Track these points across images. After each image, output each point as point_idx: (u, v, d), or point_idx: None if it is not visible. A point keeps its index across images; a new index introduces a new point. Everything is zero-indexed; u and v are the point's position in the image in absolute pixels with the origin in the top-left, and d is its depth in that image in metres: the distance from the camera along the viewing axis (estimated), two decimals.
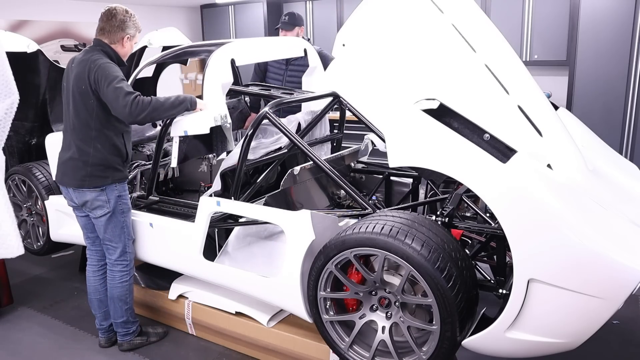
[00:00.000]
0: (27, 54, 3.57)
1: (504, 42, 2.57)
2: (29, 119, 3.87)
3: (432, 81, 2.17)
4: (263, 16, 6.10)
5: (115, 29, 2.68)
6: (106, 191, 2.72)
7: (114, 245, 2.82)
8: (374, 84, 2.16)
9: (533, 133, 2.19)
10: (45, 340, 3.15)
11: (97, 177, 2.69)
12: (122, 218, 2.80)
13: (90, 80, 2.58)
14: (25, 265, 4.16)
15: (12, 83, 2.69)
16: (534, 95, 2.41)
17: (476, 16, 2.57)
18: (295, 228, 2.38)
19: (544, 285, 1.87)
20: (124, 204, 2.81)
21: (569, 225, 1.82)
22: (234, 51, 2.98)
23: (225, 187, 2.84)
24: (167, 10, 6.74)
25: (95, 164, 2.68)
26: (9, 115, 2.72)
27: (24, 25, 5.37)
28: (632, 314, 3.18)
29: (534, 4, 4.69)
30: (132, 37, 2.75)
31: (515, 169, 1.93)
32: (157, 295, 3.23)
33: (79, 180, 2.69)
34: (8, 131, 2.76)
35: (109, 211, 2.74)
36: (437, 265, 1.99)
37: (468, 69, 2.25)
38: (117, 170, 2.75)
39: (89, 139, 2.66)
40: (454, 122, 2.14)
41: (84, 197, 2.72)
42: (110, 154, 2.70)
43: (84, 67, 2.61)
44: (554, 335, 1.94)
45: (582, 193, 2.03)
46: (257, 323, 2.78)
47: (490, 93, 2.23)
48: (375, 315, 2.29)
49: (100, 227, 2.79)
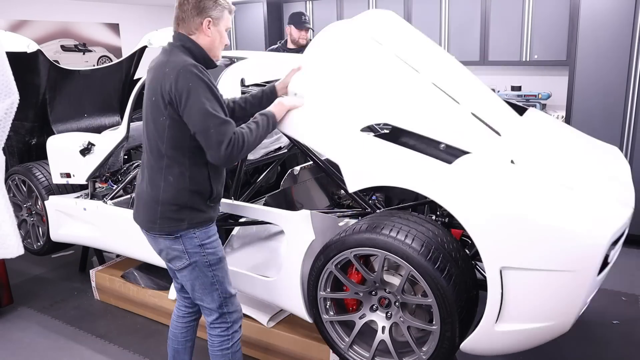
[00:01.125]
0: (27, 54, 3.57)
1: (449, 57, 2.74)
2: (29, 119, 3.87)
3: (381, 108, 2.25)
4: (263, 16, 6.10)
5: (189, 15, 2.00)
6: (182, 239, 2.07)
7: (206, 305, 2.19)
8: (325, 122, 2.25)
9: (491, 134, 2.26)
10: (45, 340, 3.15)
11: (168, 219, 2.04)
12: (211, 273, 2.12)
13: (164, 91, 1.91)
14: (25, 265, 4.16)
15: (12, 83, 2.69)
16: (486, 101, 2.52)
17: (417, 40, 2.72)
18: (295, 228, 2.38)
19: (516, 271, 1.90)
20: (211, 255, 2.12)
21: (526, 207, 1.89)
22: (244, 70, 2.94)
23: (225, 187, 2.84)
24: (167, 10, 6.74)
25: (166, 202, 2.03)
26: (9, 115, 2.71)
27: (24, 25, 5.37)
28: (632, 314, 3.18)
29: (534, 4, 4.69)
30: (218, 18, 2.03)
31: (460, 167, 2.01)
32: (157, 295, 3.22)
33: (148, 222, 2.09)
34: (8, 131, 2.76)
35: (189, 263, 2.10)
36: (437, 265, 1.99)
37: (415, 90, 2.35)
38: (197, 211, 2.06)
39: (160, 168, 2.02)
40: (410, 140, 2.28)
41: (157, 245, 2.14)
42: (186, 190, 2.03)
43: (158, 72, 1.97)
44: (541, 319, 1.95)
45: (543, 177, 2.10)
46: (257, 323, 2.78)
47: (440, 107, 2.32)
48: (375, 315, 2.30)
49: (186, 283, 2.17)
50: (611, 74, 3.96)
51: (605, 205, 2.05)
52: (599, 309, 3.25)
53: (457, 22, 5.10)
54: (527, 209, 1.90)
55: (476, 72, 5.30)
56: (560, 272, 1.85)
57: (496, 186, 1.98)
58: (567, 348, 2.86)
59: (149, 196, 2.06)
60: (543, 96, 4.66)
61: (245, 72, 2.94)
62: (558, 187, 2.06)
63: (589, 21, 3.95)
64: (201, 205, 2.07)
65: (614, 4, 3.84)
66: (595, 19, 3.93)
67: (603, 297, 3.41)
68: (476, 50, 5.03)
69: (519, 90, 4.83)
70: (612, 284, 3.55)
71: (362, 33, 2.53)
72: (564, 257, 1.85)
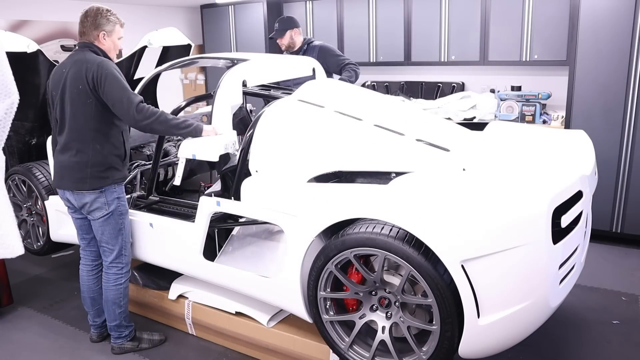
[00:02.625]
0: (27, 54, 3.57)
1: (388, 99, 3.16)
2: (29, 119, 3.87)
3: (330, 158, 2.52)
4: (263, 16, 6.10)
5: (88, 29, 2.69)
6: (105, 193, 2.70)
7: (110, 247, 2.80)
8: (280, 183, 2.49)
9: (439, 152, 2.45)
10: (45, 340, 3.15)
11: (97, 178, 2.66)
12: (120, 220, 2.79)
13: (88, 79, 2.55)
14: (25, 265, 4.16)
15: (12, 83, 2.69)
16: (433, 126, 2.80)
17: (355, 94, 3.06)
18: (295, 228, 2.38)
19: (475, 261, 1.93)
20: (122, 206, 2.79)
21: (468, 201, 2.00)
22: (246, 72, 2.96)
23: (225, 187, 2.84)
24: (167, 10, 6.74)
25: (94, 165, 2.65)
26: (9, 115, 2.71)
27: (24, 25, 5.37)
28: (632, 314, 3.18)
29: (534, 4, 4.69)
30: (110, 32, 2.72)
31: (397, 184, 2.14)
32: (157, 295, 3.23)
33: (78, 183, 2.66)
34: (8, 131, 2.76)
35: (107, 213, 2.72)
36: (437, 266, 1.99)
37: (359, 134, 2.59)
38: (117, 170, 2.73)
39: (88, 140, 2.63)
40: (362, 179, 2.49)
41: (82, 200, 2.70)
42: (110, 154, 2.69)
43: (80, 67, 2.58)
44: (517, 300, 1.97)
45: (489, 175, 2.26)
46: (257, 323, 2.78)
47: (385, 142, 2.54)
48: (375, 315, 2.30)
49: (98, 229, 2.77)
50: (611, 74, 3.96)
51: (543, 177, 2.14)
52: (599, 309, 3.25)
53: (457, 22, 5.10)
54: (469, 203, 1.99)
55: (476, 72, 5.35)
56: (516, 249, 1.91)
57: (436, 191, 2.09)
58: (567, 348, 2.86)
59: (77, 163, 2.65)
60: (543, 96, 4.66)
61: (247, 74, 2.94)
62: (502, 178, 2.18)
63: (589, 21, 3.95)
64: (119, 165, 2.74)
65: (614, 4, 3.84)
66: (596, 19, 3.93)
67: (603, 297, 3.41)
68: (476, 50, 5.02)
69: (519, 90, 4.83)
70: (612, 284, 3.55)
71: (303, 102, 2.80)
72: (513, 234, 1.91)
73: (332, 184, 2.34)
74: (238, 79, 2.89)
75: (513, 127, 3.13)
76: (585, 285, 3.50)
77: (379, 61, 5.65)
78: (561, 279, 2.09)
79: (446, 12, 5.14)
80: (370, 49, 5.65)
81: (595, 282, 3.57)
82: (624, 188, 4.08)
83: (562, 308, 2.80)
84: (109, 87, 2.54)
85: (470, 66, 5.27)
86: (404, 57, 5.47)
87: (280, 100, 2.82)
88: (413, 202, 2.05)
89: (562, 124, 4.47)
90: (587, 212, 2.41)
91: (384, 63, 5.64)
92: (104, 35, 2.71)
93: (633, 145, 3.98)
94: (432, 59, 5.33)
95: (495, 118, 4.82)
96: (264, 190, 2.50)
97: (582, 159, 2.52)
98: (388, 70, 5.85)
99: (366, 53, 5.67)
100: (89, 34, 2.69)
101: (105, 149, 2.67)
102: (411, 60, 5.45)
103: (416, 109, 3.18)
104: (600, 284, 3.55)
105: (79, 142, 2.64)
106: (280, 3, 6.25)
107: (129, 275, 2.91)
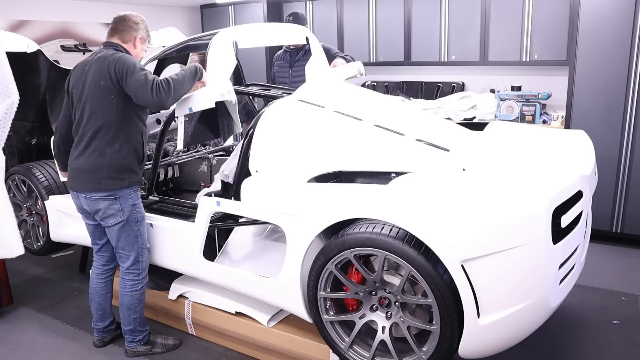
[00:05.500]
0: (27, 54, 3.57)
1: (388, 99, 3.13)
2: (29, 119, 3.87)
3: (330, 158, 2.52)
4: (263, 16, 6.10)
5: (127, 29, 2.70)
6: (120, 200, 2.63)
7: (126, 253, 2.75)
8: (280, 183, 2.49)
9: (439, 152, 2.45)
10: (45, 340, 3.15)
11: (113, 179, 2.59)
12: (136, 227, 2.73)
13: (110, 73, 2.51)
14: (25, 265, 4.16)
15: (12, 83, 2.69)
16: (433, 126, 2.79)
17: (355, 94, 3.04)
18: (295, 228, 2.38)
19: (475, 261, 1.93)
20: (138, 213, 2.73)
21: (469, 201, 1.99)
22: (236, 34, 2.97)
23: (225, 187, 2.85)
24: (167, 10, 6.74)
25: (111, 165, 2.58)
26: (9, 115, 2.72)
27: (24, 25, 5.37)
28: (632, 314, 3.18)
29: (534, 4, 4.69)
30: (144, 39, 2.77)
31: (396, 184, 2.14)
32: (157, 295, 3.23)
33: (93, 184, 2.59)
34: (8, 131, 2.76)
35: (122, 220, 2.66)
36: (437, 266, 1.99)
37: (359, 135, 2.59)
38: (134, 172, 2.67)
39: (108, 139, 2.57)
40: (362, 179, 2.50)
41: (96, 205, 2.64)
42: (128, 155, 2.62)
43: (102, 63, 2.55)
44: (517, 300, 1.97)
45: (490, 175, 2.25)
46: (257, 323, 2.78)
47: (384, 142, 2.54)
48: (375, 315, 2.30)
49: (113, 236, 2.72)
50: (611, 74, 3.96)
51: (543, 177, 2.14)
52: (599, 309, 3.25)
53: (457, 22, 5.09)
54: (469, 203, 1.98)
55: (476, 72, 5.35)
56: (516, 249, 1.91)
57: (436, 191, 2.08)
58: (567, 348, 2.86)
59: (95, 164, 2.57)
60: (543, 96, 4.66)
61: (238, 36, 2.96)
62: (502, 178, 2.18)
63: (589, 21, 3.95)
64: (136, 167, 2.67)
65: (614, 4, 3.84)
66: (596, 19, 3.93)
67: (603, 297, 3.41)
68: (476, 50, 5.02)
69: (518, 90, 4.83)
70: (612, 284, 3.56)
71: (303, 102, 2.80)
72: (513, 234, 1.91)
73: (332, 184, 2.35)
74: (228, 39, 2.90)
75: (513, 127, 3.14)
76: (585, 285, 3.50)
77: (379, 61, 5.65)
78: (561, 279, 2.09)
79: (446, 12, 5.14)
80: (370, 48, 5.65)
81: (595, 282, 3.57)
82: (624, 188, 4.08)
83: (562, 308, 2.80)
84: (130, 77, 2.48)
85: (470, 66, 5.28)
86: (404, 57, 5.47)
87: (280, 100, 2.83)
88: (413, 202, 2.05)
89: (562, 124, 4.47)
90: (587, 212, 2.41)
91: (384, 63, 5.64)
92: (140, 40, 2.74)
93: (633, 145, 3.98)
94: (432, 59, 5.33)
95: (495, 118, 4.83)
96: (264, 190, 2.50)
97: (582, 159, 2.52)
98: (388, 70, 5.85)
99: (366, 53, 5.67)
100: (124, 34, 2.69)
101: (124, 149, 2.60)
102: (411, 60, 5.45)
103: (416, 109, 3.20)
104: (600, 284, 3.55)
105: (98, 141, 2.58)
106: (280, 3, 6.25)
107: (146, 281, 2.87)
